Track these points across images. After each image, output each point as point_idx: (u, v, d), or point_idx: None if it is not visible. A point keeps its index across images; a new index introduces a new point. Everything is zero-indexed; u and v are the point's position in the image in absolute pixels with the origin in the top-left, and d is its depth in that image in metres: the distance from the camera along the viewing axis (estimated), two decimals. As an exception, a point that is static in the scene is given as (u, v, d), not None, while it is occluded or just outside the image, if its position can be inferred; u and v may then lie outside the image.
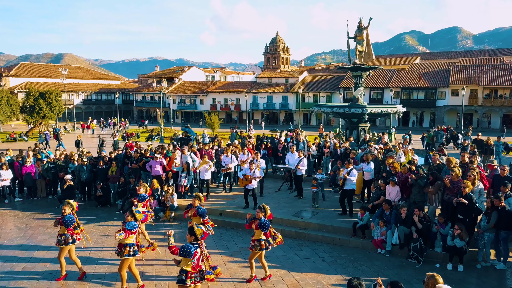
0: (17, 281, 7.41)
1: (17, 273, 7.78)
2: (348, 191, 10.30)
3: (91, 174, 13.14)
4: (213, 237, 9.79)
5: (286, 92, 60.27)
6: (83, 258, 8.21)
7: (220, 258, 8.44)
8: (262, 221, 7.07)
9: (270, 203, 11.26)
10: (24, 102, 39.07)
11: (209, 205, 11.59)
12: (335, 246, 9.16)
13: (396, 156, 11.42)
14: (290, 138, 18.90)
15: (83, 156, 14.04)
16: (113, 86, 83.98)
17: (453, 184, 8.33)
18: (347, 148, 13.62)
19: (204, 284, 6.28)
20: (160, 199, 11.33)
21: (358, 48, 18.72)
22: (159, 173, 12.22)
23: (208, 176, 12.23)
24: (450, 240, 7.88)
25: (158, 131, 38.86)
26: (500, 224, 7.60)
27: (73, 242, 7.39)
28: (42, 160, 13.98)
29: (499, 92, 49.04)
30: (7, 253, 8.75)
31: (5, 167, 12.88)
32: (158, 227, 10.54)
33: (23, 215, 11.73)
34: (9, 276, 7.62)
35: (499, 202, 7.59)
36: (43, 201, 13.51)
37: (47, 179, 13.80)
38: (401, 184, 9.49)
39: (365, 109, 16.87)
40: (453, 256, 7.87)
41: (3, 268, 7.96)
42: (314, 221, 10.04)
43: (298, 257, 8.56)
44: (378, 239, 8.76)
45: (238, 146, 14.14)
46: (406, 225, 8.46)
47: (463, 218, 8.00)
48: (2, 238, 9.82)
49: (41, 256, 8.62)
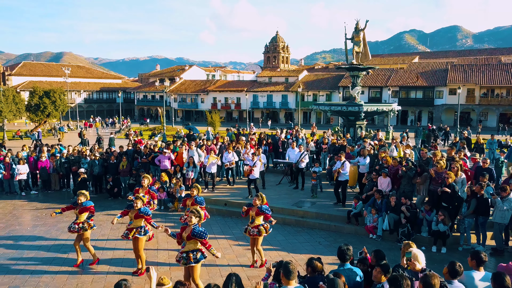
0: (37, 266, 8.17)
1: (37, 259, 8.56)
2: (342, 182, 11.14)
3: (102, 168, 13.96)
4: (219, 224, 10.66)
5: (286, 91, 61.04)
6: (100, 247, 8.95)
7: (227, 242, 9.27)
8: (262, 208, 7.60)
9: (272, 195, 12.14)
10: (29, 101, 39.86)
11: (215, 196, 12.45)
12: (331, 232, 10.00)
13: (388, 151, 12.24)
14: (290, 135, 19.75)
15: (95, 151, 14.85)
16: (114, 85, 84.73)
17: (438, 175, 9.16)
18: (344, 146, 14.43)
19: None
20: (169, 191, 12.16)
21: (355, 49, 19.53)
22: (167, 167, 13.06)
23: (214, 169, 13.06)
24: (434, 225, 8.70)
25: (161, 129, 39.64)
26: (478, 210, 8.43)
27: (89, 229, 7.96)
28: (56, 155, 14.80)
29: (495, 91, 49.81)
30: (26, 242, 9.48)
31: (22, 162, 13.71)
32: (168, 216, 11.37)
33: (41, 206, 12.56)
34: (30, 263, 8.39)
35: (480, 189, 8.41)
36: (57, 194, 14.35)
37: (60, 173, 14.63)
38: (392, 176, 10.32)
39: (362, 108, 17.67)
40: (437, 239, 8.70)
41: (23, 255, 8.71)
42: (312, 210, 10.88)
43: (297, 241, 9.40)
44: (370, 225, 9.59)
45: (242, 143, 14.96)
46: (395, 212, 9.29)
47: (447, 206, 8.82)
48: (21, 227, 10.62)
49: (61, 243, 9.43)
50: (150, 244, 9.14)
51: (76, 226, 7.87)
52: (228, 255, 8.56)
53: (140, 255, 7.67)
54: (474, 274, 4.52)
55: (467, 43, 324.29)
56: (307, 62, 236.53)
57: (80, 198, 7.99)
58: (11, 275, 7.57)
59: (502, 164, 12.33)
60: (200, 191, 8.87)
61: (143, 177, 10.22)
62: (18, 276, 7.54)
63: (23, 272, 7.75)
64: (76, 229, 7.84)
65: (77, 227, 7.86)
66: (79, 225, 7.88)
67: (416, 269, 4.45)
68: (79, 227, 7.87)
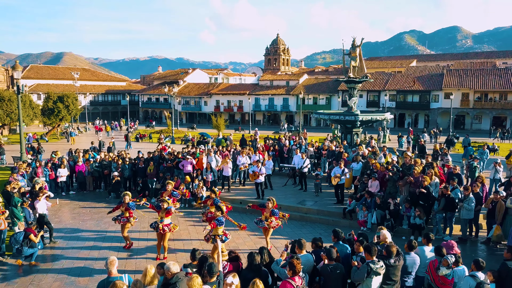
0: (82, 251, 10.32)
1: (80, 248, 10.71)
2: (340, 185, 13.31)
3: (131, 172, 16.12)
4: (237, 219, 12.76)
5: (287, 94, 63.24)
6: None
7: (244, 233, 11.42)
8: (273, 211, 9.57)
9: (279, 195, 14.32)
10: (43, 105, 42.03)
11: (232, 196, 14.62)
12: (330, 225, 12.15)
13: (377, 158, 14.41)
14: (293, 141, 21.95)
15: (125, 157, 17.00)
16: (119, 87, 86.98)
17: (415, 179, 11.31)
18: (341, 152, 16.58)
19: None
20: (192, 191, 14.31)
21: (352, 63, 21.70)
22: (190, 171, 15.21)
23: (229, 173, 15.23)
24: (412, 219, 10.85)
25: (169, 134, 41.56)
26: (447, 208, 10.57)
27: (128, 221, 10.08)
28: (89, 160, 16.96)
29: (489, 95, 51.92)
30: (69, 233, 11.57)
31: (63, 166, 15.85)
32: (192, 213, 13.53)
33: (83, 204, 14.73)
34: (74, 251, 10.56)
35: (447, 191, 10.56)
36: (91, 194, 16.52)
37: (94, 176, 16.78)
38: (380, 179, 12.48)
39: (358, 117, 19.87)
40: (415, 231, 10.84)
41: (68, 245, 10.71)
42: (314, 207, 13.05)
43: (302, 233, 11.55)
44: (362, 219, 11.74)
45: (251, 149, 17.15)
46: (381, 209, 11.44)
47: (423, 204, 10.97)
48: (64, 221, 12.78)
49: (105, 235, 11.58)
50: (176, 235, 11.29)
51: (122, 218, 10.04)
52: (248, 242, 10.71)
53: (165, 245, 9.59)
54: (425, 248, 6.69)
55: (467, 44, 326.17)
56: (307, 62, 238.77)
57: (126, 198, 10.14)
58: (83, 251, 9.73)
59: (475, 169, 14.47)
60: (218, 195, 10.85)
61: (167, 183, 12.11)
62: (83, 252, 9.71)
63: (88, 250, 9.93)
64: (123, 220, 10.04)
65: (123, 219, 10.04)
66: (122, 217, 10.04)
67: (386, 242, 6.61)
68: (125, 219, 10.04)
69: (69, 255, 9.88)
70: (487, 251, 10.14)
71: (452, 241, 7.02)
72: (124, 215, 9.95)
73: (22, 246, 8.96)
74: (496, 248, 10.16)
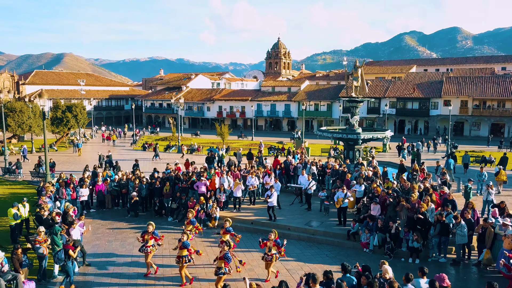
0: (113, 279, 11.41)
1: (122, 264, 11.80)
2: (343, 208, 14.41)
3: (148, 191, 17.22)
4: (249, 240, 13.88)
5: (288, 100, 64.36)
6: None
7: (257, 254, 12.48)
8: (277, 241, 10.54)
9: (288, 214, 15.45)
10: (52, 115, 43.15)
11: (242, 216, 15.70)
12: (335, 246, 13.24)
13: (378, 182, 15.51)
14: (297, 156, 23.07)
15: (142, 178, 18.07)
16: (122, 92, 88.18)
17: (412, 205, 12.42)
18: (344, 172, 17.66)
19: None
20: (207, 212, 15.41)
21: (354, 83, 22.86)
22: (204, 191, 16.32)
23: (239, 193, 16.33)
24: (411, 242, 11.94)
25: (175, 143, 42.16)
26: (442, 232, 11.67)
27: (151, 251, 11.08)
28: (107, 179, 18.05)
29: (487, 103, 52.98)
30: (98, 258, 12.56)
31: (85, 186, 16.95)
32: (207, 234, 14.60)
33: (104, 223, 15.83)
34: (99, 267, 11.63)
35: (441, 217, 11.66)
36: (110, 212, 17.62)
37: (113, 195, 17.88)
38: (381, 204, 13.57)
39: (359, 135, 21.04)
40: (413, 253, 11.92)
41: (99, 271, 11.66)
42: (320, 229, 14.15)
43: (310, 254, 12.64)
44: (364, 241, 12.83)
45: (261, 169, 18.26)
46: (382, 232, 12.53)
47: (420, 228, 12.06)
48: (91, 242, 13.85)
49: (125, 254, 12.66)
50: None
51: (147, 248, 11.00)
52: (262, 264, 11.74)
53: (181, 273, 10.53)
54: (420, 280, 7.80)
55: (467, 45, 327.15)
56: (308, 64, 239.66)
57: (149, 227, 11.08)
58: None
59: (470, 190, 15.57)
60: (231, 223, 11.86)
61: (189, 211, 13.05)
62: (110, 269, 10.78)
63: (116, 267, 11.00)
64: (147, 250, 10.99)
65: (149, 249, 10.99)
66: (147, 247, 10.99)
67: (386, 277, 7.71)
68: (149, 249, 10.99)
69: (102, 281, 10.82)
70: (478, 273, 11.24)
71: (443, 274, 8.11)
72: (149, 244, 10.94)
73: (66, 261, 9.96)
74: (486, 270, 11.26)
